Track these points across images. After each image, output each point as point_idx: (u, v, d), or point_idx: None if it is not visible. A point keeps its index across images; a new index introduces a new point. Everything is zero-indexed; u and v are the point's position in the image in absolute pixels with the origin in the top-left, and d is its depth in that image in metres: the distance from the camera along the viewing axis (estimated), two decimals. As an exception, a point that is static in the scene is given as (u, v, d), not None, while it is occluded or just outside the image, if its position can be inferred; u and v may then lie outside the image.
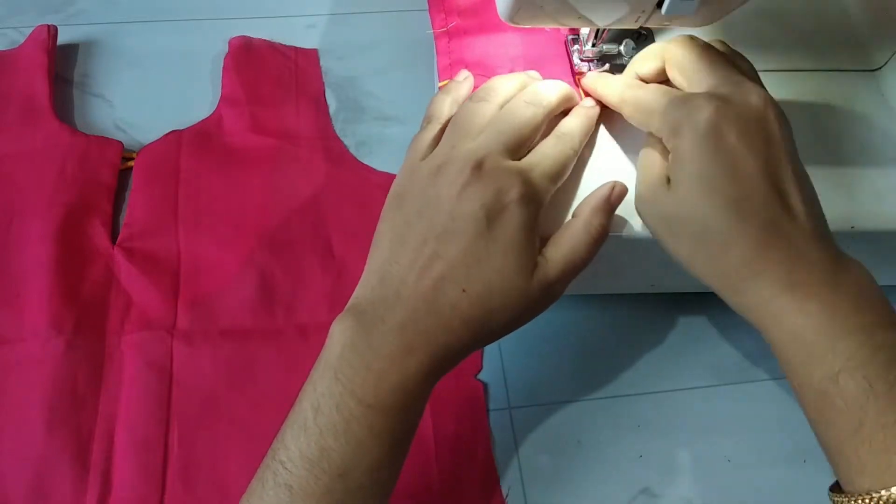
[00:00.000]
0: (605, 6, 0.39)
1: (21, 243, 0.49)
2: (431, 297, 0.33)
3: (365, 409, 0.32)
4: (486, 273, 0.34)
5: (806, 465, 0.46)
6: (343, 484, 0.32)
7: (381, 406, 0.32)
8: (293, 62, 0.61)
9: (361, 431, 0.32)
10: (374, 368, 0.33)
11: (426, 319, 0.33)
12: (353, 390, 0.32)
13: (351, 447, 0.32)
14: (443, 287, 0.34)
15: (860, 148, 0.45)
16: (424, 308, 0.33)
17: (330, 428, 0.32)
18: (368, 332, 0.33)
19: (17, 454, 0.43)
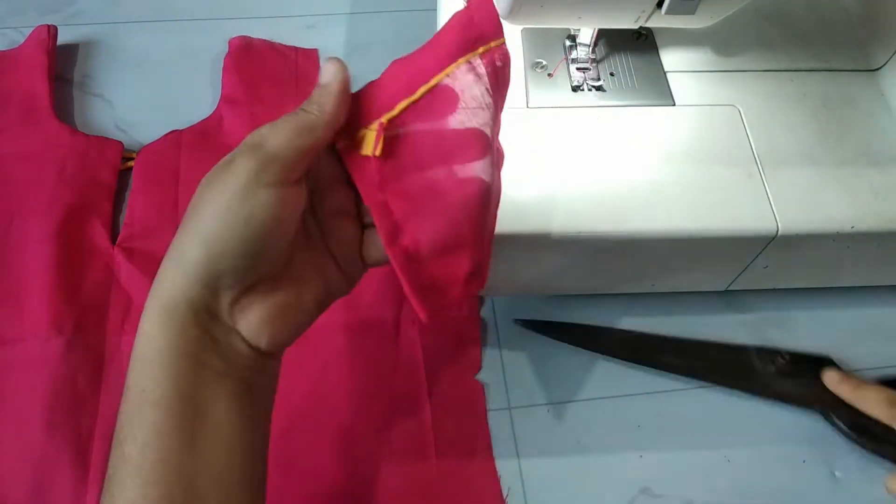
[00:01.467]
0: (605, 6, 0.39)
1: (21, 243, 0.49)
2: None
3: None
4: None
5: (805, 465, 0.46)
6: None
7: (126, 380, 0.29)
8: (293, 62, 0.61)
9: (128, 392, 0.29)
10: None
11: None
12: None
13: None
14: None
15: (860, 148, 0.45)
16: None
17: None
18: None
19: (17, 454, 0.43)
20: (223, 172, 0.30)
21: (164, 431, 0.28)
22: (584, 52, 0.47)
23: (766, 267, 0.45)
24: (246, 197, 0.29)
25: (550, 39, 0.48)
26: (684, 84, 0.47)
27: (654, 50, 0.48)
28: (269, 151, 0.29)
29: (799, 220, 0.42)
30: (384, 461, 0.44)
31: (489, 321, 0.50)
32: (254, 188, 0.29)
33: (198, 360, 0.29)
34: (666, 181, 0.42)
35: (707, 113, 0.46)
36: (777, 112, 0.46)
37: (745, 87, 0.47)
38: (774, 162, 0.43)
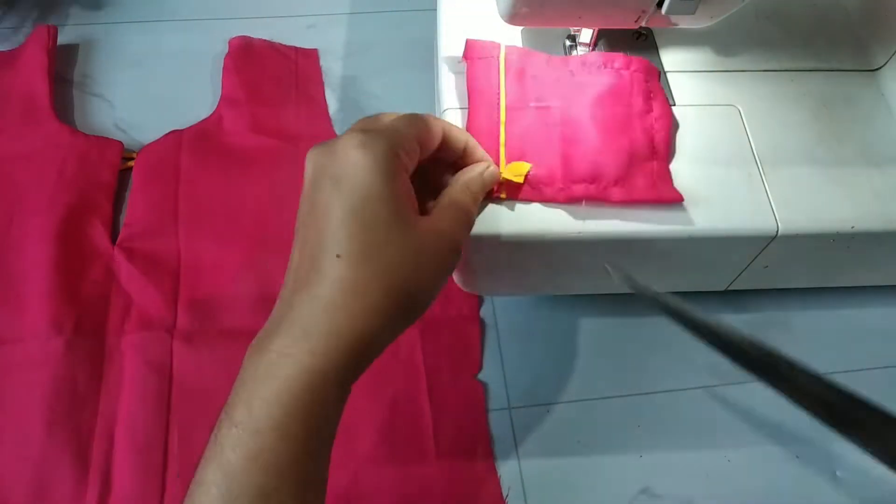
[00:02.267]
0: (606, 6, 0.39)
1: (21, 243, 0.49)
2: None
3: (233, 430, 0.27)
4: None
5: (805, 465, 0.46)
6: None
7: (253, 425, 0.27)
8: (293, 62, 0.61)
9: (233, 455, 0.27)
10: (245, 379, 0.28)
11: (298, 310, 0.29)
12: (228, 410, 0.28)
13: (222, 475, 0.27)
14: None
15: (860, 148, 0.45)
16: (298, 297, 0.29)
17: (208, 456, 0.28)
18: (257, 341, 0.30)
19: (17, 454, 0.43)
20: (434, 237, 0.31)
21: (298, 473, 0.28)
22: (584, 52, 0.47)
23: (766, 267, 0.45)
24: (451, 265, 0.32)
25: (550, 39, 0.48)
26: (684, 84, 0.47)
27: (654, 50, 0.48)
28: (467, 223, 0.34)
29: (799, 220, 0.42)
30: (384, 461, 0.44)
31: (489, 321, 0.50)
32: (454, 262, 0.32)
33: (323, 443, 0.29)
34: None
35: (707, 113, 0.46)
36: (777, 112, 0.46)
37: (745, 87, 0.47)
38: (774, 162, 0.43)
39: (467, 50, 0.44)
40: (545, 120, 0.42)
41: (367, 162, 0.29)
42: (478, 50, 0.44)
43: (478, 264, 0.43)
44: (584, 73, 0.43)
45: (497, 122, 0.41)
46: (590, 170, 0.40)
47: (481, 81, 0.43)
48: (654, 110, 0.43)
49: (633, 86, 0.43)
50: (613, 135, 0.41)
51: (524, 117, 0.42)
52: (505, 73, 0.43)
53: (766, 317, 0.51)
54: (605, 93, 0.42)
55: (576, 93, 0.43)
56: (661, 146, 0.42)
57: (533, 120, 0.42)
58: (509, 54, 0.44)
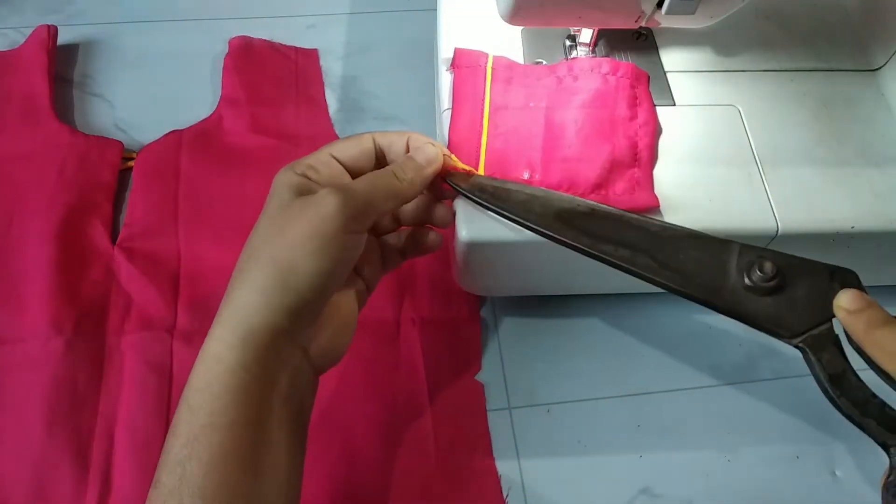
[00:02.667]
0: (606, 6, 0.39)
1: (21, 243, 0.49)
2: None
3: (177, 424, 0.30)
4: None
5: (805, 465, 0.46)
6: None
7: (190, 416, 0.29)
8: (293, 62, 0.61)
9: (175, 443, 0.29)
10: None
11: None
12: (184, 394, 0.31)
13: (167, 470, 0.29)
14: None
15: (860, 148, 0.45)
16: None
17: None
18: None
19: (17, 454, 0.43)
20: (308, 208, 0.32)
21: (232, 457, 0.29)
22: (584, 52, 0.47)
23: (766, 267, 0.45)
24: (337, 239, 0.32)
25: (550, 39, 0.48)
26: (684, 84, 0.47)
27: (654, 50, 0.48)
28: (360, 202, 0.33)
29: (799, 220, 0.42)
30: (384, 461, 0.44)
31: (489, 321, 0.50)
32: (343, 233, 0.32)
33: (269, 385, 0.31)
34: (666, 181, 0.42)
35: (707, 113, 0.46)
36: (777, 112, 0.46)
37: (745, 87, 0.47)
38: (774, 162, 0.43)
39: (455, 58, 0.45)
40: (528, 124, 0.42)
41: (275, 183, 0.34)
42: (465, 58, 0.45)
43: (478, 264, 0.43)
44: (571, 79, 0.44)
45: (480, 127, 0.42)
46: (568, 175, 0.40)
47: (467, 88, 0.44)
48: (639, 117, 0.43)
49: (619, 91, 0.43)
50: (595, 140, 0.41)
51: (507, 122, 0.42)
52: (491, 80, 0.44)
53: (766, 317, 0.51)
54: (589, 98, 0.43)
55: (561, 98, 0.43)
56: (643, 153, 0.42)
57: (515, 124, 0.42)
58: (497, 63, 0.45)
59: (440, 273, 0.50)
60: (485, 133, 0.42)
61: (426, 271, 0.51)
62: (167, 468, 0.29)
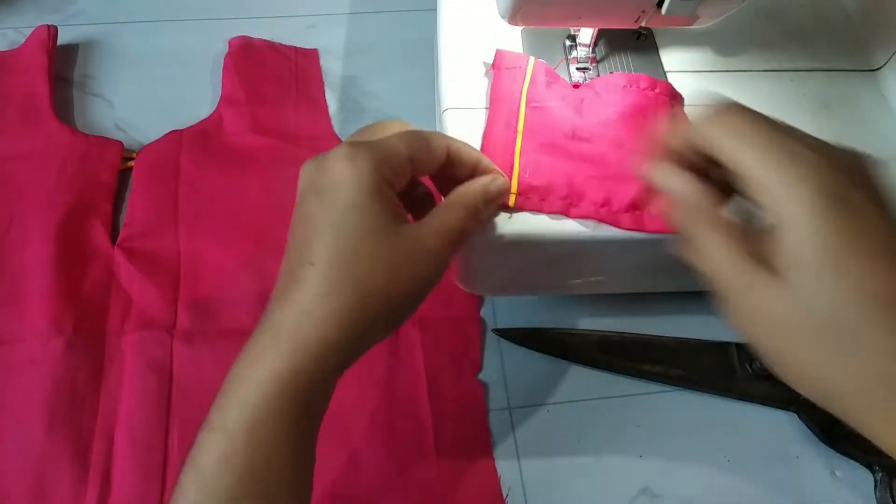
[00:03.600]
0: (606, 6, 0.39)
1: (21, 243, 0.49)
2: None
3: (208, 433, 0.28)
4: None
5: (805, 465, 0.46)
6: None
7: (224, 428, 0.28)
8: (293, 62, 0.61)
9: (206, 458, 0.28)
10: (225, 383, 0.29)
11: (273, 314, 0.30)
12: (209, 412, 0.29)
13: (194, 477, 0.27)
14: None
15: (860, 148, 0.45)
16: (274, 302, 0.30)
17: (188, 458, 0.28)
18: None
19: (17, 454, 0.43)
20: (420, 252, 0.31)
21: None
22: (584, 52, 0.47)
23: (766, 267, 0.45)
24: (440, 275, 0.32)
25: (550, 39, 0.48)
26: (684, 84, 0.47)
27: (654, 50, 0.48)
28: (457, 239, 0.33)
29: (799, 220, 0.41)
30: (384, 461, 0.44)
31: (489, 321, 0.50)
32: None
33: (311, 430, 0.31)
34: (666, 181, 0.42)
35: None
36: (777, 112, 0.45)
37: (745, 87, 0.47)
38: (774, 162, 0.43)
39: (496, 60, 0.44)
40: (564, 134, 0.41)
41: (349, 174, 0.30)
42: (506, 60, 0.44)
43: (478, 264, 0.43)
44: (609, 93, 0.42)
45: (514, 132, 0.41)
46: (603, 192, 0.39)
47: (504, 91, 0.42)
48: None
49: (658, 108, 0.42)
50: (632, 158, 0.39)
51: (543, 130, 0.41)
52: (529, 83, 0.42)
53: (766, 317, 0.51)
54: (628, 113, 0.41)
55: (599, 111, 0.42)
56: None
57: (552, 133, 0.41)
58: (537, 68, 0.43)
59: (440, 273, 0.50)
60: (519, 137, 0.41)
61: (426, 271, 0.51)
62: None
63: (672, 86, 0.43)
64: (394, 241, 0.30)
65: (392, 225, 0.30)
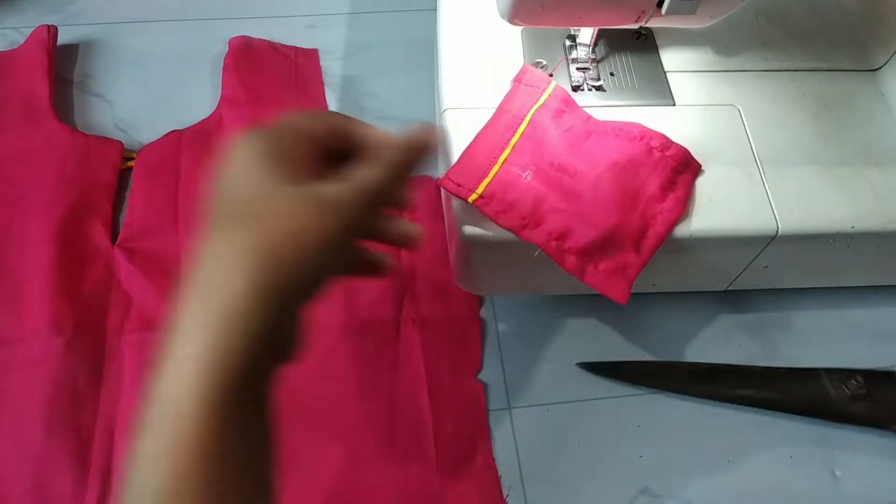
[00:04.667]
0: (606, 6, 0.39)
1: (21, 243, 0.49)
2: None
3: (155, 422, 0.27)
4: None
5: (805, 465, 0.46)
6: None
7: (153, 420, 0.27)
8: (293, 62, 0.61)
9: (156, 444, 0.26)
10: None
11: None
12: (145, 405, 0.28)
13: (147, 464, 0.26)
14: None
15: (860, 148, 0.45)
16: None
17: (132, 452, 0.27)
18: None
19: (17, 454, 0.43)
20: (322, 209, 0.29)
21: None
22: (584, 52, 0.47)
23: (766, 267, 0.45)
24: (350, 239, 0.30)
25: (550, 39, 0.48)
26: (684, 84, 0.47)
27: (654, 50, 0.48)
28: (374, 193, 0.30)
29: (799, 220, 0.42)
30: (384, 461, 0.44)
31: (489, 321, 0.50)
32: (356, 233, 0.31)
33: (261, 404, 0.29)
34: (666, 181, 0.42)
35: (707, 113, 0.46)
36: (777, 112, 0.46)
37: (745, 87, 0.47)
38: (774, 162, 0.43)
39: (520, 73, 0.44)
40: (551, 163, 0.40)
41: (241, 150, 0.30)
42: (529, 76, 0.44)
43: (478, 264, 0.43)
44: (615, 136, 0.41)
45: (506, 143, 0.41)
46: (562, 227, 0.38)
47: (516, 103, 0.42)
48: (667, 202, 0.40)
49: (658, 169, 0.40)
50: (609, 205, 0.39)
51: (533, 152, 0.41)
52: (541, 107, 0.42)
53: (766, 317, 0.51)
54: (625, 162, 0.40)
55: (595, 152, 0.41)
56: (650, 241, 0.40)
57: (540, 158, 0.40)
58: (556, 93, 0.43)
59: (440, 273, 0.50)
60: (509, 148, 0.40)
61: (426, 271, 0.51)
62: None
63: (688, 153, 0.41)
64: (292, 196, 0.29)
65: (288, 182, 0.29)
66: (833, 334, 0.50)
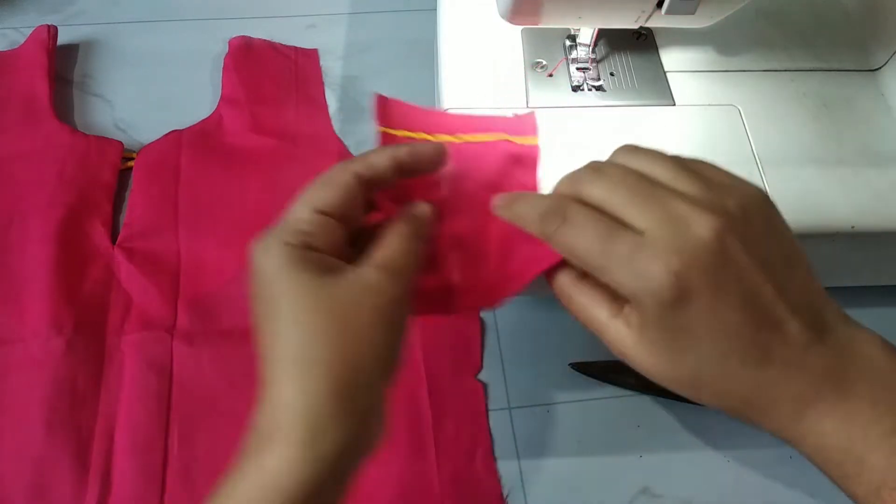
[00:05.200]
0: (606, 6, 0.39)
1: (21, 243, 0.49)
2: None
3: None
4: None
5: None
6: None
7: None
8: (293, 62, 0.61)
9: None
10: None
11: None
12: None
13: None
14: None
15: (860, 148, 0.45)
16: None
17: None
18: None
19: (17, 454, 0.43)
20: (362, 294, 0.29)
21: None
22: (584, 52, 0.47)
23: (766, 267, 0.45)
24: (402, 323, 0.31)
25: (550, 39, 0.48)
26: (684, 84, 0.47)
27: (654, 50, 0.48)
28: (406, 279, 0.31)
29: (799, 220, 0.41)
30: (384, 461, 0.44)
31: (489, 321, 0.50)
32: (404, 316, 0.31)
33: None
34: (666, 181, 0.42)
35: (707, 113, 0.46)
36: (777, 112, 0.46)
37: (745, 87, 0.47)
38: (774, 162, 0.43)
39: (527, 116, 0.39)
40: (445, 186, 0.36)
41: (266, 265, 0.30)
42: (523, 120, 0.39)
43: (478, 264, 0.43)
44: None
45: (446, 131, 0.39)
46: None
47: (491, 123, 0.39)
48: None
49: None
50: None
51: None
52: (506, 140, 0.38)
53: (766, 317, 0.51)
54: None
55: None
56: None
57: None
58: (532, 149, 0.38)
59: (440, 273, 0.50)
60: (434, 138, 0.38)
61: (426, 271, 0.51)
62: None
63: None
64: (333, 296, 0.28)
65: (327, 281, 0.28)
66: (833, 334, 0.50)
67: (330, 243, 0.30)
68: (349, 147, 0.56)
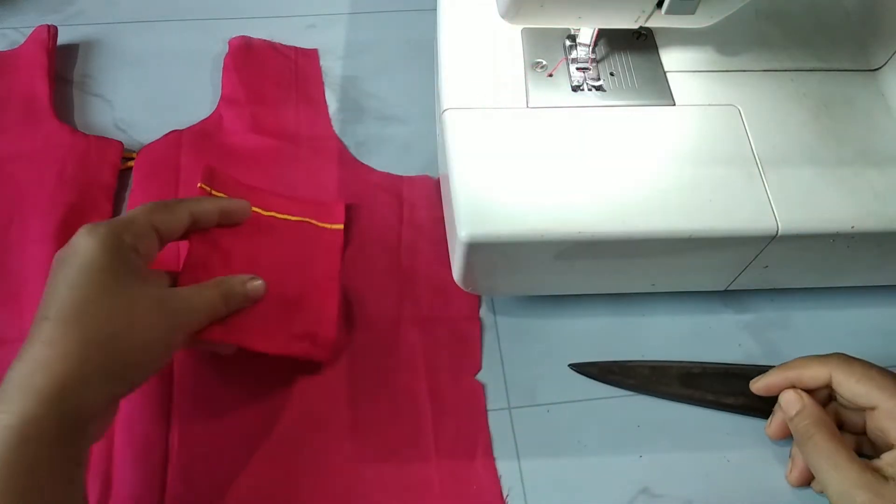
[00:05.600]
0: (605, 6, 0.39)
1: (21, 243, 0.49)
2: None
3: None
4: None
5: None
6: None
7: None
8: (293, 62, 0.61)
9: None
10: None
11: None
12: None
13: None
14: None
15: (860, 148, 0.45)
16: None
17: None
18: None
19: (17, 454, 0.43)
20: (160, 307, 0.36)
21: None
22: (584, 52, 0.47)
23: (766, 267, 0.45)
24: (178, 344, 0.38)
25: (550, 39, 0.48)
26: (684, 84, 0.47)
27: (654, 50, 0.48)
28: (197, 319, 0.40)
29: (799, 220, 0.42)
30: (384, 460, 0.44)
31: (489, 321, 0.50)
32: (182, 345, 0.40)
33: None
34: (666, 181, 0.42)
35: (707, 113, 0.46)
36: (777, 112, 0.46)
37: (745, 87, 0.47)
38: (774, 162, 0.44)
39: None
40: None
41: (88, 242, 0.35)
42: (323, 208, 0.50)
43: (478, 264, 0.43)
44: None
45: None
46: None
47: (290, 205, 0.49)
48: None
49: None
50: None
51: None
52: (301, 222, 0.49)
53: (766, 317, 0.51)
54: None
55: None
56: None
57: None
58: (337, 235, 0.49)
59: (440, 273, 0.50)
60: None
61: (426, 271, 0.51)
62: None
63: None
64: (130, 297, 0.34)
65: (131, 283, 0.35)
66: (833, 334, 0.50)
67: (146, 252, 0.38)
68: (349, 147, 0.56)
